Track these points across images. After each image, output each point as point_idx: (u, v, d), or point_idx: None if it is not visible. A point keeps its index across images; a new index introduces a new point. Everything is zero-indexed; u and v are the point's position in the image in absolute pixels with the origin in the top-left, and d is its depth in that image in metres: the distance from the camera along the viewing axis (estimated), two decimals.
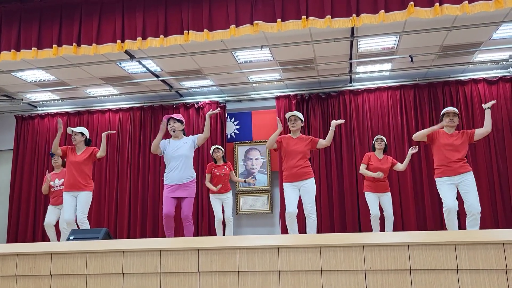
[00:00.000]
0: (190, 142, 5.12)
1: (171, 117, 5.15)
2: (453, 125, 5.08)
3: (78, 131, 5.81)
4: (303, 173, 5.19)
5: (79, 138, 5.77)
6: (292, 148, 5.24)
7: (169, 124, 5.14)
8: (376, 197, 6.37)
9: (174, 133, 5.13)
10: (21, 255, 2.85)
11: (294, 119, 5.32)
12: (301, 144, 5.25)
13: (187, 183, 5.01)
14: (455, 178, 4.96)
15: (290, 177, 5.24)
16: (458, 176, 4.94)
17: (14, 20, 5.55)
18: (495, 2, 4.43)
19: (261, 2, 4.93)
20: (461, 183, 4.94)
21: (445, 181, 5.00)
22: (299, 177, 5.19)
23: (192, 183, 5.06)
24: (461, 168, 4.94)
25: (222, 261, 2.58)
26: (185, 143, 5.09)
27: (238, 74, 7.94)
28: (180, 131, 5.18)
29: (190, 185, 5.04)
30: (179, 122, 5.17)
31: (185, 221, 4.97)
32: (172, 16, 5.18)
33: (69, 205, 5.57)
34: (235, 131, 9.00)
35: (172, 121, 5.13)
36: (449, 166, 4.98)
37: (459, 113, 5.12)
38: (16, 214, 9.18)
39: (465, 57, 7.41)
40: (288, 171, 5.24)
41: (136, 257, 2.69)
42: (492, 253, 2.32)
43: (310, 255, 2.49)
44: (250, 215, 8.72)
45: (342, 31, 6.25)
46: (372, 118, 8.29)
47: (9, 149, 9.74)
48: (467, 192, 4.90)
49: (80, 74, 7.70)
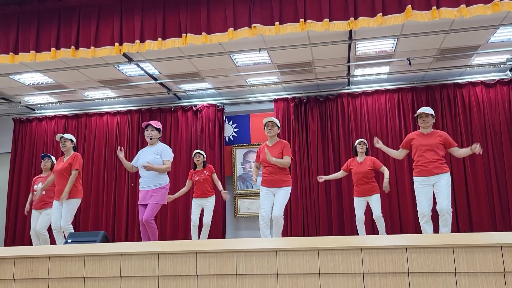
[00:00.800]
0: (162, 154, 5.13)
1: (149, 124, 5.21)
2: (426, 125, 5.08)
3: (67, 137, 5.82)
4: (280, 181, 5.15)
5: (69, 145, 5.80)
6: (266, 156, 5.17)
7: (147, 130, 5.20)
8: (362, 201, 6.43)
9: (150, 140, 5.20)
10: (18, 258, 2.85)
11: (272, 125, 5.26)
12: (275, 151, 5.18)
13: (153, 189, 5.05)
14: (431, 178, 4.95)
15: (266, 182, 5.22)
16: (434, 176, 4.93)
17: (12, 23, 5.55)
18: (492, 5, 4.45)
19: (259, 5, 4.94)
20: (436, 184, 4.93)
21: (421, 182, 5.01)
22: (275, 184, 5.15)
23: (160, 189, 5.06)
24: (436, 169, 4.92)
25: (220, 264, 2.58)
26: (156, 151, 5.13)
27: (236, 77, 7.95)
28: (157, 139, 5.24)
29: (157, 191, 5.05)
30: (157, 130, 5.22)
31: (149, 223, 4.97)
32: (170, 19, 5.19)
33: (56, 211, 5.63)
34: (233, 134, 9.00)
35: (150, 128, 5.19)
36: (425, 166, 4.98)
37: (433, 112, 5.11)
38: (13, 217, 9.16)
39: (462, 60, 7.43)
40: (265, 176, 5.24)
41: (134, 260, 2.69)
42: (490, 256, 2.32)
43: (308, 258, 2.49)
44: (248, 218, 8.71)
45: (340, 34, 6.26)
46: (370, 121, 8.30)
47: (7, 152, 9.72)
48: (439, 192, 4.89)
49: (78, 77, 7.70)
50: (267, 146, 5.32)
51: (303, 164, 8.33)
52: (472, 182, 7.68)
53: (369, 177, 6.37)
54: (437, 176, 4.92)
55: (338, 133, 8.35)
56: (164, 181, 5.15)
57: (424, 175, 4.98)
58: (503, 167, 7.68)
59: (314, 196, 8.21)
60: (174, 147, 8.83)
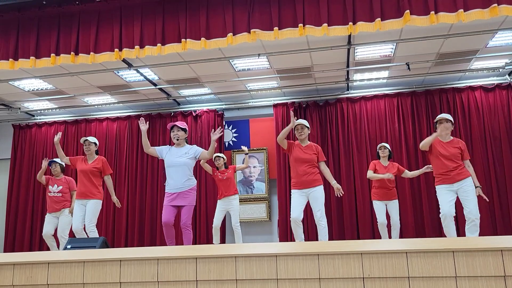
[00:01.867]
0: (191, 153, 5.05)
1: (175, 125, 5.09)
2: (447, 132, 5.10)
3: (92, 141, 5.97)
4: (312, 181, 5.21)
5: (93, 148, 5.95)
6: (300, 155, 5.27)
7: (173, 131, 5.09)
8: (383, 205, 6.37)
9: (177, 141, 5.07)
10: (18, 264, 2.84)
11: (301, 127, 5.34)
12: (309, 152, 5.28)
13: (185, 191, 4.96)
14: (454, 185, 4.98)
15: (298, 184, 5.26)
16: (456, 183, 4.97)
17: (12, 29, 5.57)
18: (490, 10, 4.46)
19: (258, 11, 4.96)
20: (460, 189, 4.97)
21: (445, 188, 5.03)
22: (307, 184, 5.20)
23: (191, 191, 5.01)
24: (458, 175, 4.96)
25: (220, 269, 2.57)
26: (186, 153, 5.04)
27: (236, 82, 7.96)
28: (183, 140, 5.11)
29: (189, 193, 4.99)
30: (183, 130, 5.10)
31: (184, 229, 4.94)
32: (169, 24, 5.20)
33: (78, 214, 5.75)
34: (233, 139, 9.01)
35: (176, 129, 5.07)
36: (447, 175, 5.01)
37: (452, 119, 5.12)
38: (13, 223, 9.14)
39: (461, 64, 7.45)
40: (297, 178, 5.25)
41: (134, 266, 2.68)
42: (490, 260, 2.32)
43: (308, 262, 2.49)
44: (248, 223, 8.69)
45: (339, 39, 6.28)
46: (370, 126, 8.31)
47: (6, 158, 9.72)
48: (465, 198, 4.92)
49: (77, 83, 7.71)
50: (300, 145, 5.35)
51: None
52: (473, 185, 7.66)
53: (392, 182, 6.36)
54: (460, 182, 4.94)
55: (338, 137, 8.35)
56: (194, 181, 5.08)
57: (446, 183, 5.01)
58: (502, 171, 7.67)
59: None
60: None
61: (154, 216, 8.68)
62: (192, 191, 5.04)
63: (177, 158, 5.01)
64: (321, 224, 5.16)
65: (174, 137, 5.07)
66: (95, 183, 5.79)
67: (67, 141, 9.34)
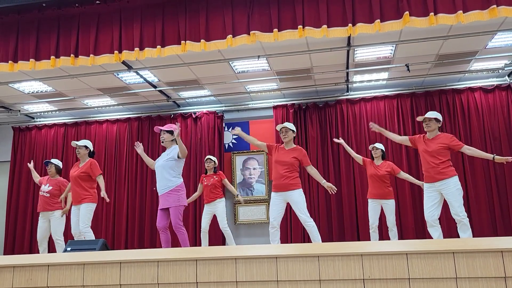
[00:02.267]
0: (172, 152, 5.09)
1: (161, 129, 5.20)
2: (429, 129, 5.07)
3: (81, 144, 5.93)
4: (288, 185, 5.14)
5: (83, 152, 5.91)
6: (280, 158, 5.23)
7: (160, 135, 5.20)
8: (377, 205, 6.31)
9: (163, 143, 5.18)
10: (17, 267, 2.84)
11: (285, 130, 5.28)
12: (291, 155, 5.22)
13: (168, 192, 5.00)
14: (435, 184, 4.94)
15: (275, 187, 5.24)
16: (438, 182, 4.91)
17: (12, 31, 5.57)
18: (489, 11, 4.47)
19: (257, 12, 4.97)
20: (443, 190, 4.91)
21: (427, 187, 5.02)
22: (284, 187, 5.15)
23: (173, 191, 5.00)
24: (439, 174, 4.89)
25: (220, 271, 2.57)
26: (168, 154, 5.11)
27: (236, 84, 7.96)
28: (169, 141, 5.16)
29: (171, 193, 5.00)
30: (168, 132, 5.17)
31: (176, 230, 4.93)
32: (169, 26, 5.20)
33: (74, 219, 5.81)
34: (233, 141, 9.01)
35: (162, 132, 5.18)
36: (428, 172, 4.99)
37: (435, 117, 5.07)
38: (13, 226, 9.13)
39: (461, 65, 7.45)
40: (275, 181, 5.26)
41: (134, 268, 2.68)
42: (490, 261, 2.32)
43: (308, 264, 2.48)
44: (248, 225, 8.69)
45: (339, 41, 6.28)
46: (370, 127, 8.30)
47: (6, 160, 9.71)
48: (448, 200, 4.88)
49: (77, 85, 7.71)
50: (282, 149, 5.32)
51: (303, 170, 8.31)
52: (472, 187, 7.67)
53: (385, 181, 6.31)
54: (441, 182, 4.88)
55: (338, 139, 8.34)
56: (176, 181, 5.05)
57: (428, 182, 5.00)
58: (502, 171, 7.68)
59: (314, 202, 8.20)
60: None
61: (154, 218, 8.67)
62: (174, 192, 5.00)
63: (160, 161, 5.12)
64: (309, 224, 5.12)
65: (161, 140, 5.20)
66: (84, 187, 5.76)
67: (66, 143, 9.34)
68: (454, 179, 4.87)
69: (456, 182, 4.88)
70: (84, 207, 5.68)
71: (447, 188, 4.86)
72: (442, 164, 4.91)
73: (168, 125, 5.24)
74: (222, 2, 5.10)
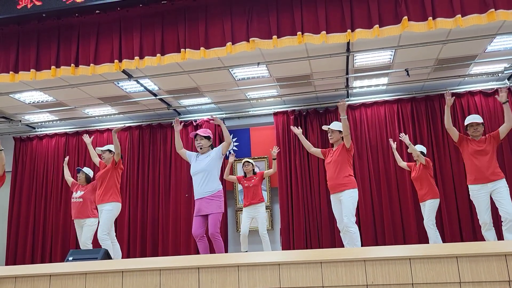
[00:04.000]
0: (213, 154, 4.96)
1: (197, 134, 5.04)
2: (477, 134, 5.15)
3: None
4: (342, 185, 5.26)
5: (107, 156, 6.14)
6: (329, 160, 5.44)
7: (196, 140, 5.06)
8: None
9: (201, 150, 5.04)
10: (19, 277, 2.83)
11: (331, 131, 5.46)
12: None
13: (208, 196, 4.81)
14: (488, 185, 4.96)
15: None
16: (491, 183, 4.94)
17: (12, 42, 5.60)
18: (488, 15, 4.48)
19: (256, 19, 4.98)
20: (495, 191, 4.94)
21: (478, 189, 5.02)
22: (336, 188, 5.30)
23: (214, 197, 4.81)
24: (492, 175, 4.94)
25: (222, 279, 2.56)
26: (207, 157, 4.95)
27: (236, 91, 7.98)
28: (208, 147, 5.05)
29: (213, 199, 4.80)
30: (206, 138, 5.05)
31: (212, 238, 4.74)
32: (168, 35, 5.22)
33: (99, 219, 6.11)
34: (234, 148, 9.00)
35: (199, 137, 5.03)
36: (480, 173, 5.00)
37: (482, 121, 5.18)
38: (14, 236, 9.11)
39: (460, 69, 7.46)
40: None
41: (136, 277, 2.67)
42: (494, 265, 2.30)
43: (311, 270, 2.47)
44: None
45: (338, 47, 6.30)
46: (370, 132, 8.31)
47: (7, 171, 9.67)
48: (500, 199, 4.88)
49: (78, 95, 7.73)
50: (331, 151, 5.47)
51: (304, 176, 8.31)
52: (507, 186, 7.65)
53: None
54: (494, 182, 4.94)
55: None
56: (218, 186, 4.90)
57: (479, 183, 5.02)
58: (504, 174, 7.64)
59: (317, 208, 8.18)
60: (175, 163, 8.83)
61: (155, 227, 8.65)
62: (216, 197, 4.84)
63: (198, 165, 4.96)
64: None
65: (197, 146, 5.04)
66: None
67: (68, 153, 9.34)
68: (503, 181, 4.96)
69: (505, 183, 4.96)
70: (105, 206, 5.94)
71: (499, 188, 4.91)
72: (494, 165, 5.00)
73: (204, 130, 5.09)
74: (221, 9, 5.12)
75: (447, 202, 7.63)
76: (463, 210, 7.63)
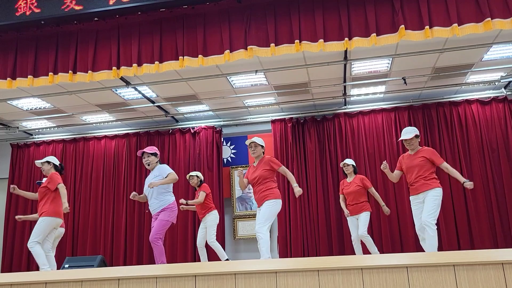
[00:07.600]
0: (159, 176, 5.14)
1: (144, 152, 5.25)
2: (411, 148, 5.11)
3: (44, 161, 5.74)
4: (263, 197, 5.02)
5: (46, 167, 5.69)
6: (249, 176, 5.21)
7: (144, 158, 5.26)
8: (353, 220, 6.46)
9: (148, 166, 5.25)
10: (15, 284, 2.81)
11: (254, 145, 5.18)
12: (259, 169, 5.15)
13: (158, 212, 5.07)
14: (419, 196, 4.97)
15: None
16: (421, 194, 4.94)
17: (10, 49, 5.60)
18: (484, 24, 4.51)
19: (254, 27, 5.01)
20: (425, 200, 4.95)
21: (412, 200, 5.06)
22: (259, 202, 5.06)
23: (162, 211, 5.05)
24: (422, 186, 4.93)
25: (219, 286, 2.55)
26: (155, 176, 5.15)
27: (234, 99, 7.99)
28: (155, 164, 5.26)
29: (165, 211, 5.06)
30: (153, 155, 5.26)
31: (151, 243, 4.96)
32: (167, 42, 5.24)
33: None
34: (231, 155, 9.00)
35: (146, 155, 5.24)
36: (412, 185, 5.05)
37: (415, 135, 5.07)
38: (10, 243, 9.07)
39: (457, 78, 7.50)
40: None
41: (132, 285, 2.65)
42: (491, 274, 2.30)
43: (308, 279, 2.46)
44: (247, 240, 8.64)
45: (336, 55, 6.33)
46: (368, 140, 8.33)
47: (4, 177, 9.69)
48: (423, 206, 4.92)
49: (76, 101, 7.73)
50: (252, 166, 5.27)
51: (302, 184, 8.30)
52: (471, 199, 7.66)
53: (359, 196, 6.38)
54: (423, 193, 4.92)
55: (336, 152, 8.36)
56: (166, 201, 5.11)
57: (411, 194, 5.08)
58: (501, 183, 7.67)
59: (314, 216, 8.17)
60: (172, 170, 8.80)
61: None
62: (163, 211, 5.06)
63: (148, 182, 5.18)
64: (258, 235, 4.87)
65: (145, 163, 5.26)
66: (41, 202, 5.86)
67: (65, 160, 9.33)
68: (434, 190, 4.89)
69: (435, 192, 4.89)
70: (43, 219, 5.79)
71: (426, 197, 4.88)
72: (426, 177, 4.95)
73: (150, 148, 5.28)
74: (219, 17, 5.14)
75: (444, 211, 7.62)
76: (461, 218, 7.63)
